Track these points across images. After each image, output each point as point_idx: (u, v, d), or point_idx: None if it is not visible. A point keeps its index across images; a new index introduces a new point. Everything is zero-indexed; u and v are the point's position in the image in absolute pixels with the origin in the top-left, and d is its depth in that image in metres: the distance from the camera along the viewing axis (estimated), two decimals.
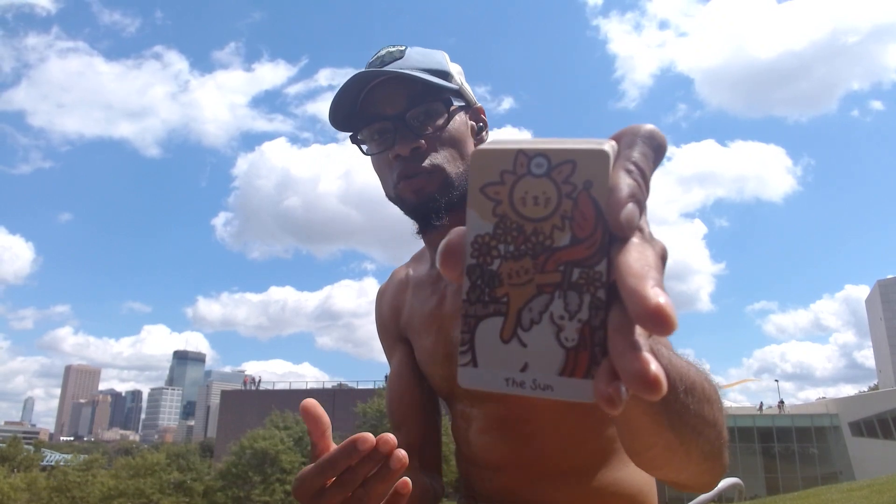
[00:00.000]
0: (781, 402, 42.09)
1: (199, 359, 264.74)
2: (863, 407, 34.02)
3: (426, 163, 0.96)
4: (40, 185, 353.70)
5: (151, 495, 27.42)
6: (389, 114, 0.96)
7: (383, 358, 1.20)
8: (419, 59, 0.99)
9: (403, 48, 1.00)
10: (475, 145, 1.00)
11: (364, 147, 1.00)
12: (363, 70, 0.95)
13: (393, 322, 1.16)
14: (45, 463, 45.00)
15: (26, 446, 52.48)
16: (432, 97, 0.97)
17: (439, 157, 0.97)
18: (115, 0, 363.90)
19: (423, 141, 0.96)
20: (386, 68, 0.95)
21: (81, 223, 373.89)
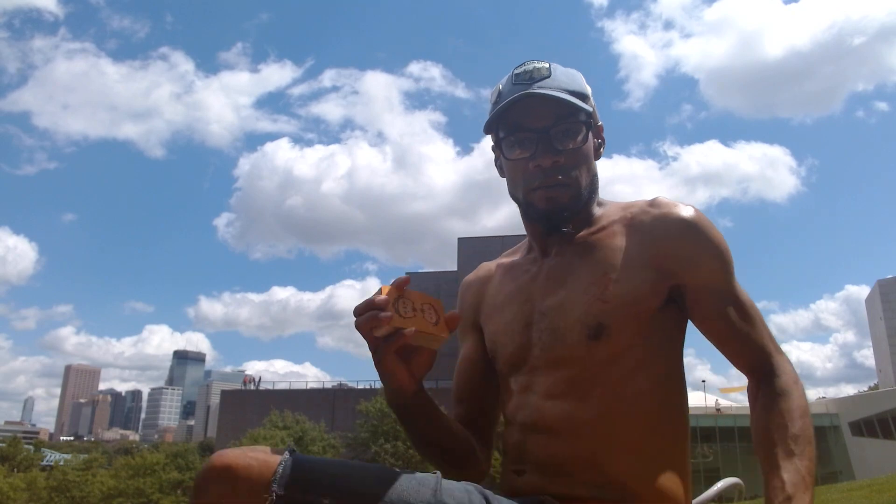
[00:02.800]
0: None
1: (199, 359, 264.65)
2: (863, 407, 34.01)
3: (563, 176, 1.09)
4: (45, 186, 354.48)
5: (151, 495, 27.41)
6: (535, 127, 1.09)
7: None
8: (564, 79, 1.11)
9: (548, 65, 1.12)
10: (595, 160, 1.17)
11: (505, 151, 1.14)
12: (527, 92, 1.07)
13: (472, 311, 1.28)
14: (45, 463, 44.95)
15: (26, 446, 52.44)
16: (574, 117, 1.09)
17: (575, 172, 1.10)
18: (124, 2, 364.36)
19: (562, 156, 1.08)
20: (537, 88, 1.08)
21: (85, 224, 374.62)
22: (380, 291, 0.92)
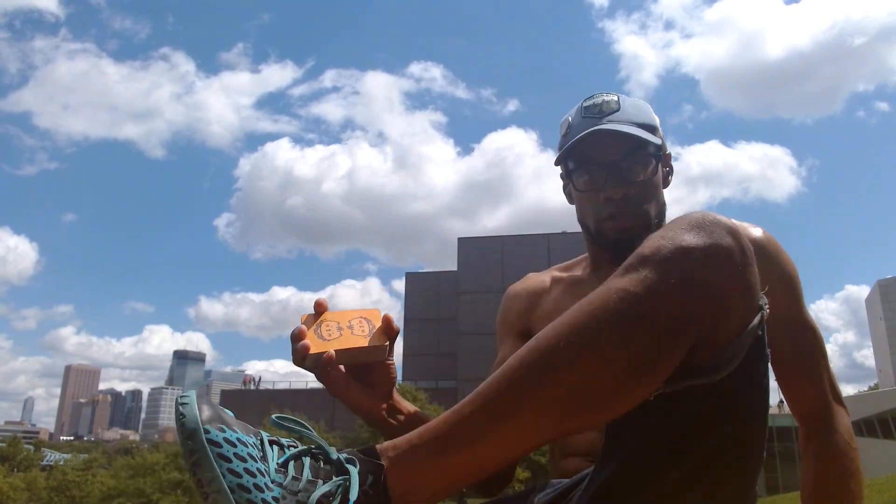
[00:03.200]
0: (781, 401, 41.89)
1: (199, 358, 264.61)
2: (863, 406, 33.98)
3: (633, 208, 1.13)
4: (45, 187, 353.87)
5: (151, 495, 27.40)
6: (605, 160, 1.13)
7: None
8: (633, 112, 1.15)
9: (617, 98, 1.16)
10: (664, 188, 1.21)
11: (575, 182, 1.18)
12: (598, 128, 1.11)
13: (520, 319, 1.30)
14: (45, 462, 44.95)
15: (26, 446, 52.43)
16: (643, 150, 1.12)
17: (644, 204, 1.14)
18: (125, 3, 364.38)
19: (633, 188, 1.12)
20: (606, 123, 1.12)
21: (85, 224, 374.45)
22: (300, 321, 0.91)
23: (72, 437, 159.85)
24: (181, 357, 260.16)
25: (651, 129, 1.15)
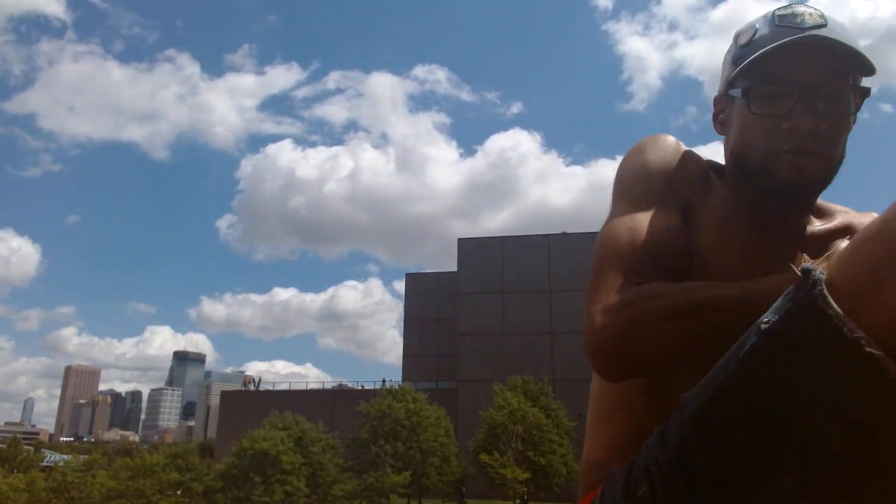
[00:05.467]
0: None
1: (199, 359, 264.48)
2: None
3: (820, 147, 0.86)
4: (49, 188, 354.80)
5: (151, 496, 27.38)
6: (801, 80, 0.85)
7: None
8: (841, 32, 0.86)
9: (822, 12, 0.88)
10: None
11: (752, 103, 0.89)
12: (812, 34, 0.83)
13: (680, 195, 0.95)
14: (44, 463, 44.94)
15: (26, 447, 52.40)
16: (847, 78, 0.87)
17: (834, 144, 0.88)
18: (131, 4, 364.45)
19: (826, 122, 0.85)
20: (814, 32, 0.84)
21: (88, 225, 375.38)
22: None
23: (72, 438, 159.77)
24: (181, 358, 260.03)
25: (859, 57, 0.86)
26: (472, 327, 43.11)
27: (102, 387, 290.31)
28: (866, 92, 0.89)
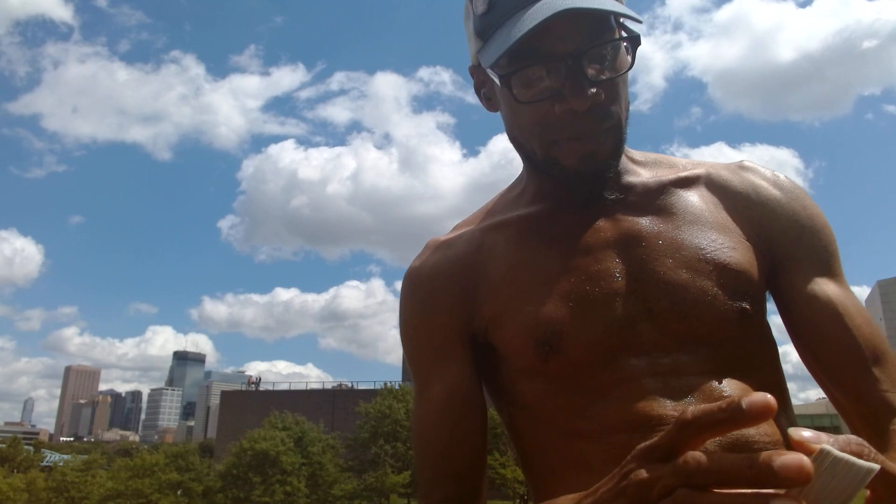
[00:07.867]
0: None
1: (199, 359, 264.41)
2: None
3: (603, 120, 0.75)
4: (53, 189, 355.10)
5: (150, 496, 27.38)
6: (560, 51, 0.72)
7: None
8: None
9: None
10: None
11: (515, 91, 0.75)
12: (558, 10, 0.68)
13: (453, 314, 0.85)
14: (44, 463, 44.95)
15: (26, 447, 52.40)
16: (614, 32, 0.75)
17: (616, 108, 0.76)
18: (137, 5, 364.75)
19: (601, 91, 0.73)
20: (575, 4, 0.68)
21: (91, 226, 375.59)
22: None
23: (71, 438, 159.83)
24: (181, 358, 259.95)
25: None
26: None
27: (102, 387, 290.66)
28: (636, 40, 0.76)
